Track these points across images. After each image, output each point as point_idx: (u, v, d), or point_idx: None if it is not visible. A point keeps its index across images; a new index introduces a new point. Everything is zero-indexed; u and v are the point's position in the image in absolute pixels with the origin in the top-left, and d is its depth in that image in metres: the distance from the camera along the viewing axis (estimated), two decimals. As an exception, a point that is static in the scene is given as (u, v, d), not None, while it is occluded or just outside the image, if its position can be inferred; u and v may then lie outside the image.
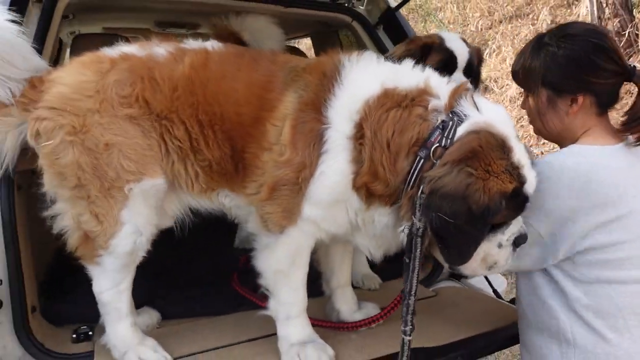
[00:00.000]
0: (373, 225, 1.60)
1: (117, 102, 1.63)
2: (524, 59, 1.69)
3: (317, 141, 1.55)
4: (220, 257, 2.63)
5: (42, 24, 2.08)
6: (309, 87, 1.62)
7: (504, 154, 1.43)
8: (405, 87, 1.54)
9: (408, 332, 1.48)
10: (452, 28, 10.64)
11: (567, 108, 1.62)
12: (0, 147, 1.68)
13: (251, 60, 1.76)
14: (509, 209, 1.44)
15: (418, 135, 1.48)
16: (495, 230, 1.50)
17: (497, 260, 1.55)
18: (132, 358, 1.73)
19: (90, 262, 1.73)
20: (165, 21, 3.76)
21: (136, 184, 1.64)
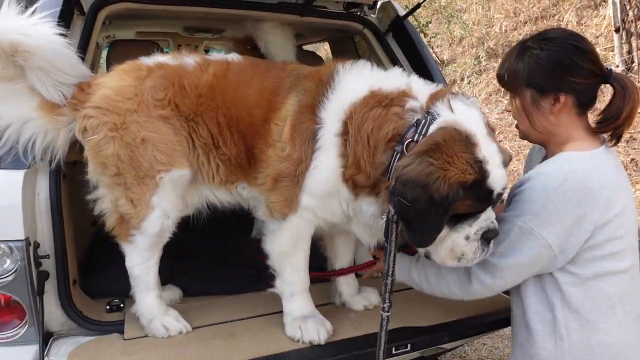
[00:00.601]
0: (362, 214, 1.78)
1: (152, 104, 1.88)
2: (509, 63, 1.76)
3: (311, 139, 1.76)
4: (237, 244, 2.87)
5: (85, 34, 2.34)
6: (307, 91, 1.84)
7: (467, 149, 1.54)
8: (388, 89, 1.72)
9: (386, 308, 1.65)
10: (476, 29, 10.62)
11: (550, 107, 1.68)
12: (54, 142, 1.94)
13: (264, 69, 2.00)
14: (471, 200, 1.55)
15: (394, 132, 1.64)
16: (462, 222, 1.61)
17: (464, 252, 1.64)
18: (157, 325, 1.97)
19: (124, 241, 1.99)
20: (193, 27, 4.05)
21: (166, 174, 1.89)
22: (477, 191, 1.55)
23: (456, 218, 1.60)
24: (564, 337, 1.66)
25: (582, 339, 1.64)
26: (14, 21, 1.81)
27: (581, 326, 1.64)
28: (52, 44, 1.87)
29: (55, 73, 1.88)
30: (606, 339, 1.63)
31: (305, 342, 1.89)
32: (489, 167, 1.55)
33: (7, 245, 1.82)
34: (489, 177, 1.55)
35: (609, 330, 1.63)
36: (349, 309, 2.23)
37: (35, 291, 1.88)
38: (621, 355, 1.64)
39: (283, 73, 1.97)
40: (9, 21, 1.80)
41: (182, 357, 1.80)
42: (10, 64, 1.86)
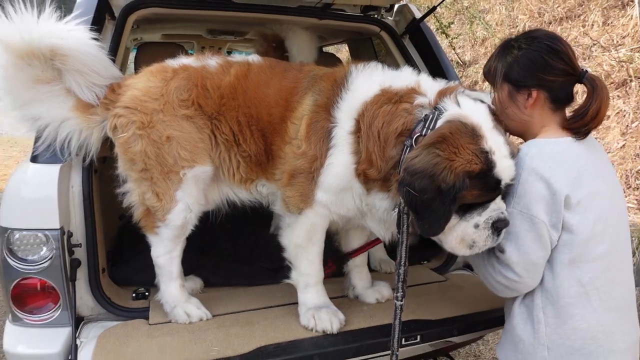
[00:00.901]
0: (376, 209, 1.86)
1: (177, 104, 2.00)
2: (492, 60, 1.87)
3: (326, 137, 1.85)
4: (255, 238, 2.98)
5: (116, 38, 2.49)
6: (322, 92, 1.93)
7: (473, 140, 1.60)
8: (398, 87, 1.81)
9: (399, 297, 1.73)
10: (499, 30, 10.53)
11: (524, 101, 1.77)
12: (88, 140, 2.07)
13: (282, 70, 2.10)
14: (478, 189, 1.60)
15: (403, 127, 1.72)
16: (472, 211, 1.66)
17: (475, 240, 1.68)
18: (180, 312, 2.09)
19: (150, 232, 2.12)
20: (216, 29, 4.19)
21: (189, 170, 2.01)
22: (484, 181, 1.60)
23: (466, 208, 1.65)
24: (541, 320, 1.71)
25: (557, 322, 1.68)
26: (53, 27, 1.95)
27: (556, 311, 1.68)
28: (87, 48, 2.00)
29: (90, 75, 2.02)
30: (580, 324, 1.67)
31: (319, 331, 1.97)
32: (495, 158, 1.60)
33: (44, 233, 1.96)
34: (496, 167, 1.60)
35: (583, 316, 1.66)
36: (362, 302, 2.30)
37: (68, 277, 2.02)
38: (597, 342, 1.66)
39: (300, 74, 2.06)
40: (48, 27, 1.94)
41: (202, 341, 1.91)
42: (49, 68, 2.00)
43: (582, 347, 1.66)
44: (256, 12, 2.94)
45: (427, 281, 2.52)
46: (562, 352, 1.68)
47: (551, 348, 1.68)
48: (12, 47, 1.91)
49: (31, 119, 2.06)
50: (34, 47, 1.92)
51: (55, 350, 1.97)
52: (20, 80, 1.98)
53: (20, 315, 2.03)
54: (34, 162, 2.07)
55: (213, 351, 1.83)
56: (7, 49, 1.92)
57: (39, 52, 1.93)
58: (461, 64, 10.42)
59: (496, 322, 2.10)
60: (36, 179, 2.04)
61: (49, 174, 2.01)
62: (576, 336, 1.66)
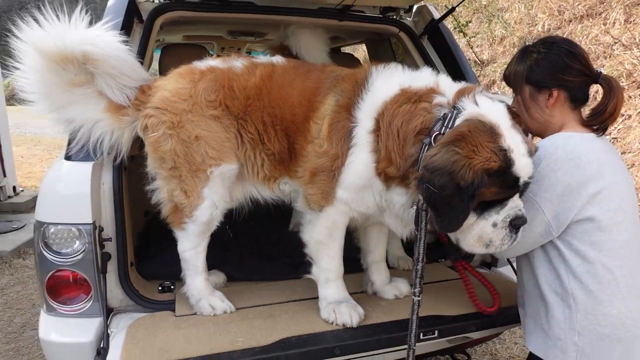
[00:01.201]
0: (394, 205, 1.91)
1: (205, 104, 2.08)
2: (513, 65, 1.99)
3: (347, 137, 1.90)
4: (276, 236, 3.05)
5: (143, 40, 2.58)
6: (344, 92, 1.98)
7: (492, 138, 1.62)
8: (417, 87, 1.85)
9: (417, 293, 1.77)
10: (518, 28, 10.43)
11: (545, 101, 1.89)
12: (120, 140, 2.16)
13: (305, 71, 2.16)
14: (496, 187, 1.63)
15: (422, 125, 1.76)
16: (490, 210, 1.69)
17: (492, 239, 1.71)
18: (205, 304, 2.16)
19: (177, 228, 2.19)
20: (237, 30, 4.28)
21: (216, 168, 2.08)
22: (502, 178, 1.63)
23: (484, 205, 1.68)
24: (572, 306, 1.76)
25: (587, 308, 1.73)
26: (84, 33, 2.04)
27: (586, 296, 1.73)
28: (118, 52, 2.09)
29: (121, 77, 2.11)
30: (610, 310, 1.72)
31: (339, 325, 2.03)
32: (514, 156, 1.63)
33: (77, 228, 2.06)
34: (514, 165, 1.63)
35: (612, 302, 1.72)
36: (381, 298, 2.35)
37: (99, 270, 2.11)
38: (626, 327, 1.71)
39: (322, 75, 2.12)
40: (80, 33, 2.03)
41: (226, 332, 1.99)
42: (82, 72, 2.09)
43: (612, 332, 1.71)
44: (277, 15, 3.01)
45: (445, 278, 2.55)
46: (593, 338, 1.73)
47: (582, 333, 1.73)
48: (48, 53, 2.00)
49: (66, 121, 2.15)
50: (68, 53, 2.01)
51: (88, 339, 2.06)
52: (56, 84, 2.08)
53: (54, 305, 2.13)
54: (68, 160, 2.17)
55: (238, 342, 1.91)
56: (43, 54, 2.01)
57: (72, 57, 2.02)
58: (479, 63, 10.35)
59: (513, 318, 2.13)
60: (70, 176, 2.14)
61: (82, 172, 2.11)
62: (606, 322, 1.72)
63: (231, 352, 1.85)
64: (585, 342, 1.74)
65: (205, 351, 1.85)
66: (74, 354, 2.06)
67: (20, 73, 2.09)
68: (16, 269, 5.12)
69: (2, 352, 3.62)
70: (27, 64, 2.07)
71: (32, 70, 2.07)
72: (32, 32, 2.00)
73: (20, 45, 2.03)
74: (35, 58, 2.04)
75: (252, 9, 2.96)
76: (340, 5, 2.99)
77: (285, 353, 1.86)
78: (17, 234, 5.85)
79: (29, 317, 4.11)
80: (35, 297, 4.47)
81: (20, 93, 2.13)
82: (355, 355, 1.98)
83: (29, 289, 4.64)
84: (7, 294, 4.56)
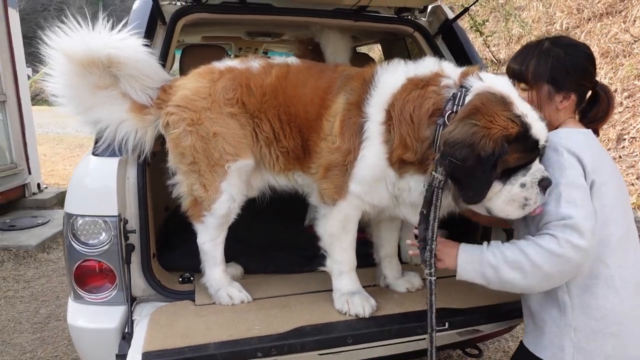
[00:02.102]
0: (410, 193, 1.95)
1: (223, 102, 2.17)
2: (531, 60, 1.91)
3: (358, 132, 1.97)
4: (292, 230, 3.14)
5: (166, 42, 2.68)
6: (354, 91, 2.06)
7: (505, 107, 1.70)
8: (423, 73, 1.92)
9: (433, 273, 1.82)
10: (536, 26, 10.34)
11: (559, 103, 1.89)
12: (143, 139, 2.25)
13: (319, 71, 2.24)
14: (519, 152, 1.68)
15: (434, 107, 1.82)
16: (515, 175, 1.72)
17: (526, 197, 1.70)
18: (223, 294, 2.25)
19: (196, 221, 2.29)
20: (254, 31, 4.38)
21: (233, 163, 2.17)
22: (523, 143, 1.69)
23: (508, 172, 1.72)
24: (567, 303, 1.77)
25: (583, 303, 1.74)
26: (108, 37, 2.14)
27: (582, 291, 1.74)
28: (140, 55, 2.19)
29: (143, 79, 2.21)
30: (604, 304, 1.73)
31: (352, 315, 2.10)
32: (529, 120, 1.69)
33: (104, 220, 2.17)
34: (532, 129, 1.69)
35: (606, 296, 1.73)
36: (393, 291, 2.41)
37: (124, 260, 2.22)
38: (619, 320, 1.72)
39: (334, 74, 2.20)
40: (104, 38, 2.13)
41: (244, 320, 2.07)
42: (106, 74, 2.19)
43: (605, 326, 1.72)
44: (294, 16, 3.09)
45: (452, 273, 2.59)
46: (588, 332, 1.74)
47: (577, 329, 1.75)
48: (75, 57, 2.11)
49: (93, 122, 2.25)
50: (94, 57, 2.11)
51: (113, 325, 2.17)
52: (83, 87, 2.18)
53: (81, 293, 2.24)
54: (95, 156, 2.28)
55: (254, 329, 1.99)
56: (71, 59, 2.12)
57: (98, 61, 2.12)
58: (495, 62, 10.29)
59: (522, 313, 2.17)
60: (97, 171, 2.25)
61: (108, 167, 2.22)
62: (600, 315, 1.73)
63: (249, 339, 1.93)
64: (580, 337, 1.74)
65: (224, 337, 1.94)
66: (101, 338, 2.18)
67: (50, 77, 2.20)
68: (41, 263, 5.31)
69: (29, 341, 3.78)
70: (56, 69, 2.18)
71: (61, 74, 2.18)
72: (60, 39, 2.11)
73: (49, 51, 2.14)
74: (63, 63, 2.15)
75: (269, 10, 3.05)
76: (355, 6, 3.05)
77: (300, 341, 1.94)
78: (42, 229, 6.06)
79: (54, 309, 4.28)
80: (59, 290, 4.64)
81: (51, 97, 2.24)
82: (367, 345, 2.04)
83: (53, 282, 4.82)
84: (32, 286, 4.74)
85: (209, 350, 1.88)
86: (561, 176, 1.71)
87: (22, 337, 3.83)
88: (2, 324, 4.03)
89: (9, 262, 5.28)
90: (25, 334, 3.88)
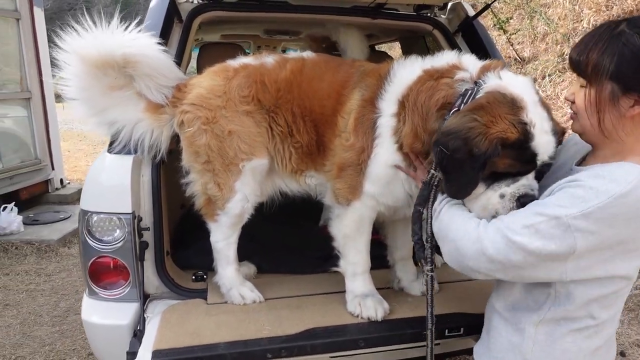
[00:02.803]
0: None
1: (238, 100, 2.15)
2: (594, 48, 1.46)
3: (371, 128, 1.93)
4: (306, 230, 3.11)
5: (182, 39, 2.69)
6: (369, 87, 2.01)
7: (512, 111, 1.56)
8: (439, 65, 1.86)
9: (432, 269, 1.79)
10: (562, 24, 10.09)
11: (628, 108, 1.42)
12: (159, 138, 2.25)
13: (335, 65, 2.20)
14: (510, 159, 1.56)
15: (444, 100, 1.74)
16: (500, 181, 1.60)
17: (497, 210, 1.60)
18: (235, 293, 2.25)
19: (210, 220, 2.28)
20: (272, 29, 4.37)
21: (247, 162, 2.15)
22: (518, 152, 1.56)
23: (495, 176, 1.61)
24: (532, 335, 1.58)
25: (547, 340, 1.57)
26: (123, 37, 2.13)
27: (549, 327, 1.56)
28: (155, 53, 2.18)
29: (159, 78, 2.20)
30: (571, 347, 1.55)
31: (364, 318, 2.06)
32: (535, 131, 1.56)
33: (118, 217, 2.18)
34: (533, 140, 1.56)
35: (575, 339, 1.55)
36: (407, 294, 2.37)
37: (137, 257, 2.23)
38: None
39: (352, 69, 2.16)
40: (119, 38, 2.12)
41: (255, 321, 2.06)
42: (121, 75, 2.18)
43: None
44: (311, 13, 3.07)
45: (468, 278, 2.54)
46: None
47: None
48: (89, 59, 2.10)
49: (108, 124, 2.25)
50: (109, 58, 2.10)
51: (126, 322, 2.18)
52: (97, 88, 2.17)
53: (95, 289, 2.26)
54: (111, 153, 2.30)
55: (265, 330, 1.98)
56: (85, 61, 2.12)
57: (113, 61, 2.12)
58: (519, 61, 10.08)
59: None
60: (112, 168, 2.26)
61: (123, 165, 2.23)
62: (564, 358, 1.54)
63: (258, 340, 1.92)
64: None
65: (234, 337, 1.93)
66: (113, 334, 2.19)
67: (63, 80, 2.20)
68: (62, 257, 5.42)
69: (49, 334, 3.85)
70: (70, 71, 2.17)
71: (74, 76, 2.18)
72: (73, 40, 2.10)
73: (63, 53, 2.14)
74: (77, 65, 2.14)
75: (286, 8, 3.03)
76: (373, 3, 3.01)
77: (311, 343, 1.92)
78: (64, 223, 6.19)
79: (73, 303, 4.35)
80: (78, 284, 4.72)
81: (65, 99, 2.24)
82: (380, 349, 2.01)
83: (73, 276, 4.91)
84: (53, 280, 4.84)
85: (219, 350, 1.87)
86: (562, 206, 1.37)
87: (41, 330, 3.91)
88: (23, 316, 4.12)
89: (32, 255, 5.40)
90: (45, 327, 3.95)
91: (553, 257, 1.39)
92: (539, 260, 1.40)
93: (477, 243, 1.48)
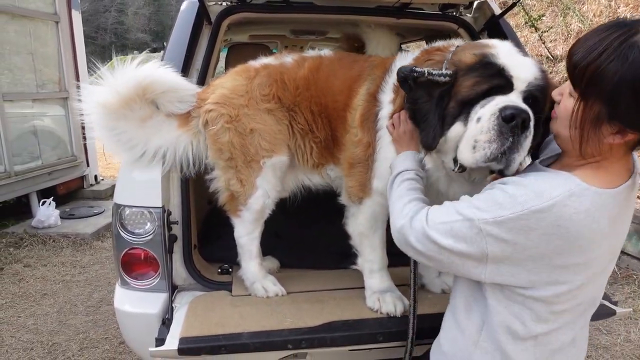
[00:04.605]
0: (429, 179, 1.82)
1: (260, 99, 2.22)
2: (596, 57, 1.22)
3: (374, 121, 1.95)
4: (328, 226, 3.15)
5: (211, 41, 2.77)
6: (374, 80, 2.04)
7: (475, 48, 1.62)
8: (437, 45, 1.89)
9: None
10: (597, 21, 9.79)
11: (607, 135, 1.27)
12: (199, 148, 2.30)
13: (351, 61, 2.24)
14: (473, 78, 1.51)
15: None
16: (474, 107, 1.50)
17: (476, 139, 1.46)
18: (258, 287, 2.32)
19: (233, 215, 2.36)
20: (299, 30, 4.43)
21: (268, 159, 2.22)
22: (480, 71, 1.51)
23: (467, 105, 1.52)
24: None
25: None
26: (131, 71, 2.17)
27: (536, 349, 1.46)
28: (160, 71, 2.21)
29: (175, 91, 2.23)
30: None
31: (383, 313, 2.10)
32: (500, 54, 1.52)
33: (149, 210, 2.28)
34: (496, 57, 1.50)
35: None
36: (428, 291, 2.39)
37: (166, 250, 2.33)
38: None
39: (365, 64, 2.19)
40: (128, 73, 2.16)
41: (277, 313, 2.13)
42: (145, 103, 2.23)
43: None
44: (336, 14, 3.11)
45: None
46: None
47: None
48: (111, 104, 2.15)
49: (153, 153, 2.27)
50: (127, 92, 2.15)
51: (155, 311, 2.28)
52: (131, 124, 2.22)
53: (127, 280, 2.37)
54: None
55: (286, 322, 2.04)
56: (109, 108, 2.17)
57: (134, 95, 2.17)
58: (551, 59, 9.84)
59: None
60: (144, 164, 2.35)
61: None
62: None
63: (280, 330, 1.98)
64: None
65: (257, 328, 2.00)
66: (143, 322, 2.29)
67: (97, 135, 2.28)
68: (96, 250, 5.64)
69: (82, 322, 4.04)
70: (100, 124, 2.23)
71: (105, 128, 2.23)
72: (92, 94, 2.18)
73: (87, 109, 2.22)
74: (102, 114, 2.19)
75: (311, 8, 3.08)
76: (398, 3, 3.02)
77: (331, 335, 1.97)
78: (97, 218, 6.45)
79: (106, 294, 4.54)
80: (111, 276, 4.91)
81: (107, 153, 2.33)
82: (398, 343, 2.04)
83: (106, 269, 5.11)
84: (87, 271, 5.05)
85: (242, 339, 1.95)
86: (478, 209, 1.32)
87: (76, 319, 4.10)
88: (59, 305, 4.33)
89: (68, 248, 5.65)
90: (80, 316, 4.14)
91: (466, 256, 1.36)
92: (453, 256, 1.38)
93: (402, 230, 1.47)
